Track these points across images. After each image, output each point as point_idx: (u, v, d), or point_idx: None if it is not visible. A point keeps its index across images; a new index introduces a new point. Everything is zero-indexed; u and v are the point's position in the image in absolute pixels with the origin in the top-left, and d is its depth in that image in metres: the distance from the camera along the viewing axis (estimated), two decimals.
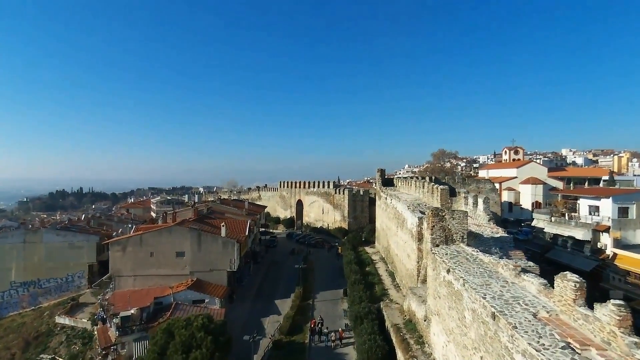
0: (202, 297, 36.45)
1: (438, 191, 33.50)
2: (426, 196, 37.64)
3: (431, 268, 22.68)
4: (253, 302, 40.92)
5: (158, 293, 36.66)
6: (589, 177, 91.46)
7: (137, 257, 38.87)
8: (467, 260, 19.83)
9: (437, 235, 23.03)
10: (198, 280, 38.96)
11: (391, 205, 44.71)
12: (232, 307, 39.63)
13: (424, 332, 24.43)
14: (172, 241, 39.22)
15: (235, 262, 40.12)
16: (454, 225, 23.02)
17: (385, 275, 43.66)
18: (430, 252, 22.77)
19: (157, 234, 39.15)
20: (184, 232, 39.35)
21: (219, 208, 55.13)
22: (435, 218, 22.96)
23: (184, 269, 39.49)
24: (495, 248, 23.50)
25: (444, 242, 23.03)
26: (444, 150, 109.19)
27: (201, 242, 39.60)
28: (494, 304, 14.22)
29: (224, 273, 40.02)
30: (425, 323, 23.85)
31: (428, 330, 23.21)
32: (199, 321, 26.46)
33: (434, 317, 21.99)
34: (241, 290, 43.85)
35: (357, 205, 69.23)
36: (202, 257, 39.56)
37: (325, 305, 38.87)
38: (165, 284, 38.77)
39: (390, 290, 38.62)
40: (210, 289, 37.91)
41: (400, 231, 39.00)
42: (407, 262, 35.81)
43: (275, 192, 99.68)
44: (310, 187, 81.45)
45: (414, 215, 32.98)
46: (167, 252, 39.18)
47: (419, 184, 40.93)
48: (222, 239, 40.00)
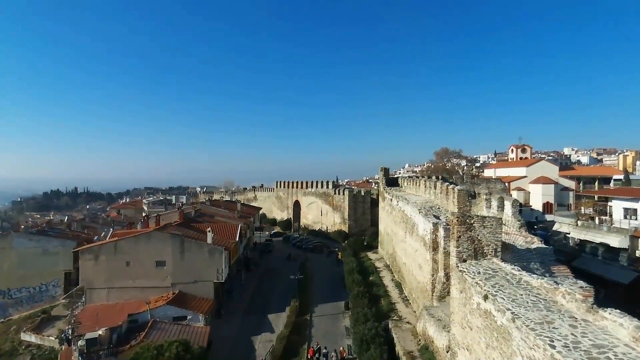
0: (183, 314, 31.94)
1: (454, 192, 29.09)
2: (439, 198, 33.24)
3: (457, 288, 18.23)
4: (243, 317, 36.41)
5: (133, 309, 32.12)
6: (599, 176, 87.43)
7: (111, 266, 34.31)
8: (508, 283, 15.39)
9: (464, 247, 18.59)
10: (180, 293, 34.42)
11: (398, 207, 40.26)
12: (219, 323, 35.10)
13: None
14: (151, 249, 34.67)
15: (223, 272, 35.60)
16: (484, 236, 18.59)
17: (392, 285, 39.22)
18: (456, 269, 18.32)
19: (134, 241, 34.60)
20: (165, 239, 34.80)
21: (209, 210, 50.61)
22: (462, 227, 18.52)
23: (164, 280, 34.94)
24: (535, 263, 19.10)
25: (472, 256, 18.59)
26: (447, 149, 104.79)
27: (184, 249, 35.06)
28: (571, 357, 9.81)
29: (210, 284, 35.49)
30: (449, 355, 19.41)
31: None
32: (173, 350, 21.99)
33: (462, 350, 17.56)
34: (231, 303, 39.31)
35: (357, 207, 64.82)
36: (185, 267, 35.01)
37: (325, 321, 34.40)
38: (143, 297, 34.20)
39: (399, 305, 34.17)
40: (194, 303, 33.38)
41: (409, 237, 34.55)
42: (418, 274, 31.37)
43: (271, 193, 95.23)
44: (308, 187, 77.00)
45: (427, 220, 28.54)
46: (146, 261, 34.63)
47: (429, 184, 36.54)
48: (208, 246, 35.47)
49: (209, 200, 55.52)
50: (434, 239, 27.37)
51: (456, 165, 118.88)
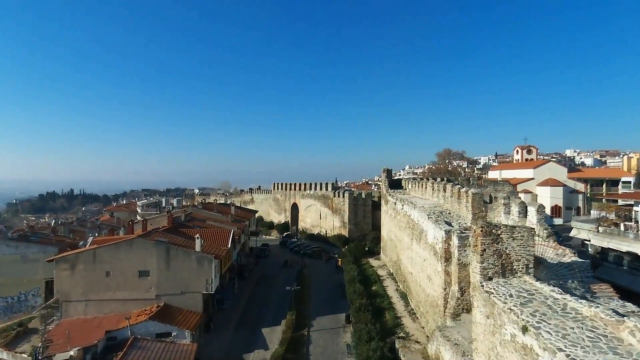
0: (168, 330, 28.87)
1: (468, 196, 26.18)
2: (449, 202, 30.33)
3: (481, 312, 15.29)
4: (235, 331, 33.42)
5: (113, 324, 29.09)
6: (607, 179, 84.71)
7: (89, 277, 31.27)
8: (551, 311, 12.46)
9: (490, 263, 15.65)
10: (165, 306, 31.38)
11: (403, 212, 37.32)
12: (208, 339, 32.12)
13: None
14: (133, 257, 31.64)
15: (212, 282, 32.58)
16: (514, 249, 15.66)
17: (396, 296, 36.26)
18: (480, 289, 15.39)
19: (114, 249, 31.56)
20: (148, 247, 31.78)
21: (200, 214, 47.62)
22: (487, 238, 15.59)
23: (148, 292, 31.90)
24: (573, 281, 16.14)
25: (499, 273, 15.65)
26: (449, 150, 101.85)
27: (170, 258, 32.03)
28: None
29: (198, 296, 32.45)
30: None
31: None
32: None
33: None
34: (222, 315, 36.30)
35: (358, 210, 61.87)
36: (171, 277, 31.99)
37: (324, 337, 31.41)
38: (125, 310, 31.12)
39: (405, 319, 31.21)
40: (180, 317, 30.33)
41: (417, 245, 31.61)
42: (427, 286, 28.41)
43: (268, 195, 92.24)
44: (306, 189, 74.04)
45: (438, 227, 25.62)
46: (128, 271, 31.59)
47: (438, 186, 33.62)
48: (197, 254, 32.47)
49: (201, 204, 52.61)
50: (446, 248, 24.44)
51: (458, 167, 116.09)
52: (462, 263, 23.29)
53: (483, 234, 15.60)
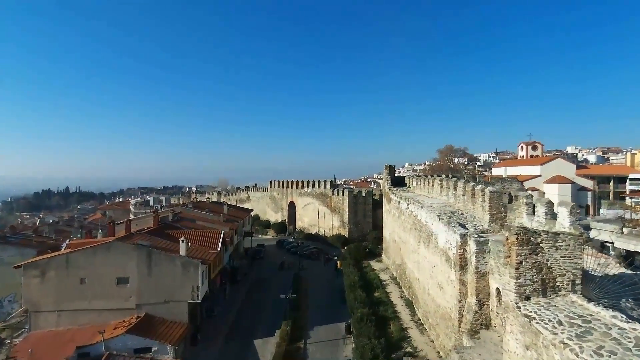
0: (148, 344, 25.83)
1: (485, 195, 23.16)
2: (461, 201, 27.32)
3: (518, 341, 12.30)
4: (225, 343, 30.42)
5: (86, 338, 26.02)
6: (614, 175, 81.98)
7: (62, 285, 28.19)
8: (618, 346, 9.44)
9: (528, 278, 12.63)
10: (147, 317, 28.35)
11: (408, 212, 34.30)
12: (194, 352, 29.12)
13: None
14: (111, 263, 28.55)
15: (199, 289, 29.54)
16: (557, 262, 12.66)
17: (401, 304, 33.30)
18: (516, 311, 12.38)
19: (90, 254, 28.47)
20: (128, 251, 28.68)
21: (190, 214, 44.53)
22: (525, 248, 12.57)
23: (128, 301, 28.84)
24: (627, 300, 13.14)
25: (539, 291, 12.65)
26: (451, 147, 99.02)
27: (152, 263, 28.96)
28: None
29: (184, 305, 29.41)
30: None
31: None
32: None
33: None
34: (211, 325, 33.27)
35: (358, 209, 58.87)
36: (153, 285, 28.93)
37: (322, 350, 28.44)
38: (101, 321, 28.12)
39: (411, 331, 28.27)
40: (163, 330, 27.30)
41: (425, 249, 28.63)
42: (437, 295, 25.43)
43: (265, 193, 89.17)
44: (304, 187, 70.97)
45: (452, 230, 22.62)
46: (105, 277, 28.52)
47: (447, 184, 30.58)
48: (182, 259, 29.40)
49: (192, 202, 49.56)
50: (461, 254, 21.44)
51: (460, 164, 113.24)
52: (481, 272, 20.31)
53: (519, 243, 12.58)
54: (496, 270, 19.41)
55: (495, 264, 19.45)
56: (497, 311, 19.57)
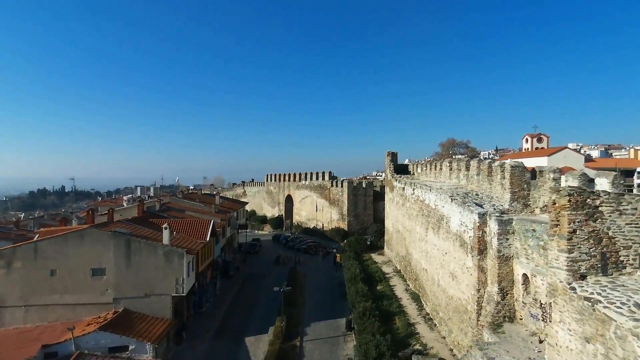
0: (124, 342, 22.97)
1: (505, 171, 20.38)
2: (474, 181, 24.50)
3: (573, 332, 9.49)
4: (214, 341, 27.58)
5: (55, 336, 23.12)
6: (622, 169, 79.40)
7: (30, 277, 25.25)
8: None
9: (585, 251, 9.83)
10: (125, 312, 25.47)
11: (414, 197, 31.50)
12: (179, 351, 26.27)
13: None
14: (85, 252, 25.64)
15: (184, 282, 26.66)
16: (621, 230, 9.86)
17: (407, 298, 30.53)
18: (570, 292, 9.58)
19: (61, 242, 25.55)
20: (104, 239, 25.79)
21: (178, 204, 41.66)
22: (579, 212, 9.76)
23: (104, 295, 25.94)
24: None
25: (598, 268, 9.85)
26: (454, 140, 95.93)
27: (131, 252, 26.07)
28: None
29: (167, 299, 26.53)
30: None
31: None
32: None
33: None
34: (198, 321, 30.43)
35: (358, 201, 56.03)
36: (132, 277, 26.05)
37: (320, 348, 25.62)
38: (75, 317, 25.26)
39: (419, 326, 25.47)
40: (142, 326, 24.41)
41: (434, 235, 25.84)
42: (450, 286, 22.64)
43: (261, 187, 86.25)
44: (301, 179, 68.11)
45: (468, 210, 19.85)
46: (78, 269, 25.61)
47: (457, 164, 27.77)
48: (164, 248, 26.52)
49: (182, 192, 46.81)
50: (479, 236, 18.66)
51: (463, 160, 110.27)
52: (504, 256, 17.56)
53: (572, 206, 9.77)
54: (523, 254, 16.66)
55: (522, 246, 16.70)
56: (524, 301, 16.81)
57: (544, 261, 15.06)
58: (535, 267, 15.66)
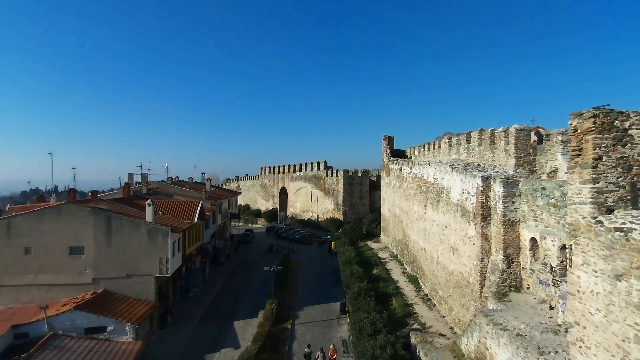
0: (101, 323, 21.41)
1: (509, 135, 19.13)
2: (476, 153, 23.22)
3: (599, 271, 8.17)
4: (201, 325, 26.08)
5: (28, 316, 21.55)
6: None
7: (2, 255, 23.62)
8: None
9: (612, 181, 8.52)
10: (105, 293, 23.92)
11: (412, 176, 30.23)
12: (162, 335, 24.73)
13: None
14: (62, 229, 24.05)
15: (169, 262, 25.13)
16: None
17: (403, 280, 29.20)
18: (596, 226, 8.26)
19: (36, 218, 23.94)
20: (83, 215, 24.22)
21: (167, 189, 40.05)
22: (607, 136, 8.46)
23: (82, 275, 24.36)
24: None
25: (627, 200, 8.55)
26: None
27: (112, 230, 24.52)
28: None
29: (150, 280, 24.96)
30: None
31: None
32: None
33: None
34: (185, 306, 28.94)
35: (354, 190, 54.69)
36: (113, 256, 24.48)
37: (313, 331, 24.19)
38: (51, 299, 23.63)
39: (418, 307, 24.12)
40: (122, 308, 22.86)
41: (433, 211, 24.54)
42: (450, 261, 21.32)
43: (255, 181, 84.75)
44: (296, 171, 66.68)
45: (470, 175, 18.55)
46: (55, 247, 24.01)
47: (457, 139, 26.51)
48: (147, 225, 24.98)
49: (171, 179, 45.25)
50: (483, 201, 17.37)
51: None
52: (509, 220, 16.28)
53: (597, 129, 8.45)
54: (531, 216, 15.37)
55: (530, 208, 15.41)
56: (532, 268, 15.52)
57: (555, 220, 13.80)
58: (545, 227, 14.38)
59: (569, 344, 9.36)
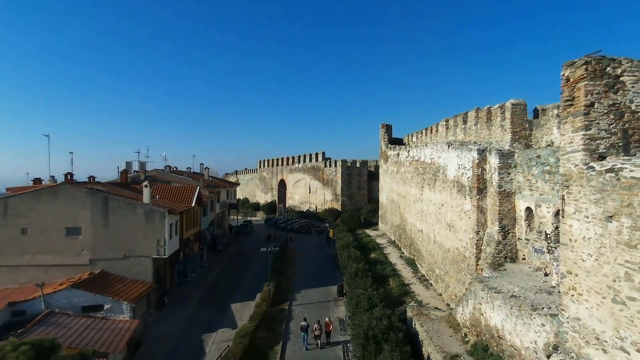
0: (98, 302, 21.46)
1: (505, 110, 19.14)
2: (473, 132, 23.23)
3: (592, 220, 8.19)
4: (198, 307, 26.13)
5: (25, 295, 21.57)
6: None
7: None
8: None
9: (604, 128, 8.54)
10: (102, 274, 23.97)
11: (408, 160, 30.25)
12: (159, 316, 24.78)
13: None
14: (59, 210, 24.07)
15: (166, 244, 25.15)
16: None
17: (401, 263, 29.25)
18: (588, 172, 8.28)
19: (33, 198, 23.95)
20: (80, 196, 24.22)
21: (165, 176, 40.03)
22: (599, 83, 8.47)
23: (79, 256, 24.39)
24: None
25: (619, 147, 8.57)
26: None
27: (109, 211, 24.53)
28: None
29: (147, 262, 24.99)
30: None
31: None
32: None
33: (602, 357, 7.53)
34: (183, 289, 28.99)
35: (352, 181, 54.70)
36: (110, 237, 24.51)
37: (310, 311, 24.15)
38: (49, 279, 23.65)
39: (415, 287, 24.19)
40: (118, 287, 22.90)
41: (430, 191, 24.58)
42: (446, 238, 21.37)
43: (254, 174, 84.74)
44: (294, 162, 66.67)
45: (467, 150, 18.58)
46: (52, 228, 24.03)
47: (454, 121, 26.46)
48: (144, 206, 25.00)
49: (169, 167, 45.18)
50: (479, 174, 17.40)
51: None
52: (505, 191, 16.31)
53: (590, 76, 8.46)
54: (526, 186, 15.40)
55: (525, 178, 15.44)
56: (527, 238, 15.56)
57: (550, 187, 13.83)
58: (540, 195, 14.41)
59: (561, 295, 9.39)
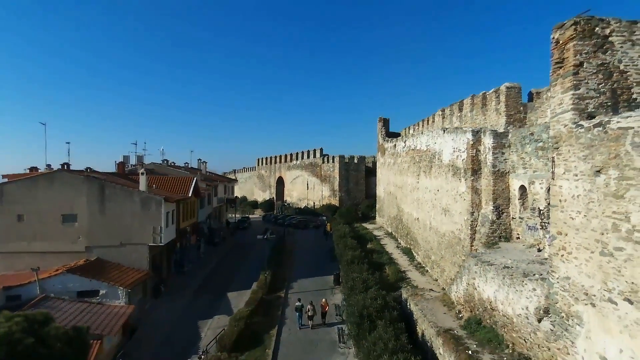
0: (94, 287, 21.46)
1: (500, 94, 19.27)
2: (468, 119, 23.36)
3: (581, 177, 8.27)
4: (195, 295, 26.13)
5: (22, 280, 21.56)
6: None
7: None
8: None
9: (593, 87, 8.63)
10: (98, 260, 23.95)
11: (405, 150, 30.36)
12: (156, 304, 24.77)
13: (541, 343, 9.95)
14: (55, 197, 24.07)
15: (162, 232, 25.15)
16: (633, 63, 8.68)
17: (397, 252, 29.29)
18: (577, 130, 8.37)
19: (29, 185, 23.96)
20: (76, 183, 24.24)
21: (163, 169, 40.02)
22: (588, 43, 8.56)
23: (75, 243, 24.38)
24: None
25: (608, 106, 8.66)
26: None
27: (105, 198, 24.54)
28: None
29: (144, 249, 24.99)
30: (549, 326, 9.41)
31: (567, 340, 8.75)
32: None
33: (590, 311, 7.59)
34: (180, 279, 28.96)
35: (350, 176, 54.76)
36: (106, 224, 24.51)
37: (306, 299, 24.02)
38: (45, 266, 23.61)
39: (411, 273, 24.22)
40: (114, 274, 22.89)
41: (426, 178, 24.66)
42: (442, 224, 21.44)
43: (252, 172, 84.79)
44: (292, 159, 66.74)
45: (461, 133, 18.68)
46: (48, 214, 24.04)
47: (450, 110, 26.57)
48: (141, 194, 25.02)
49: (167, 162, 45.22)
50: (473, 155, 17.49)
51: None
52: (499, 171, 16.40)
53: (579, 36, 8.55)
54: (520, 164, 15.49)
55: (519, 157, 15.54)
56: (521, 216, 15.63)
57: (543, 163, 13.92)
58: (534, 172, 14.50)
59: (551, 257, 9.45)
